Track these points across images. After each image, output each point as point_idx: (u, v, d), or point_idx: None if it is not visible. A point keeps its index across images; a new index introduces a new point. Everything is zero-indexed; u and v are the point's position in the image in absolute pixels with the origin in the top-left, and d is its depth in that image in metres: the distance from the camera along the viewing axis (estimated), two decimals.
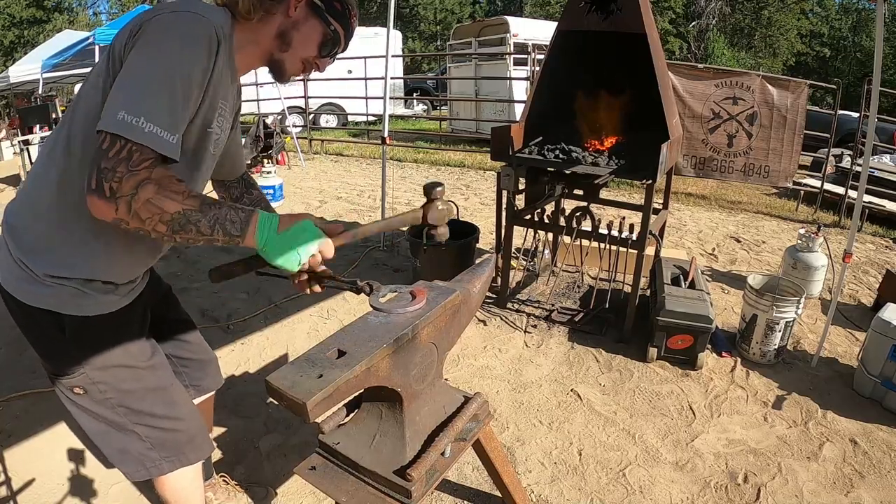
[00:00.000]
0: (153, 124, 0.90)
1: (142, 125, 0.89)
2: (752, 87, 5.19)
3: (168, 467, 1.30)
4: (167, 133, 0.92)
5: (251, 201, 1.49)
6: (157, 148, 0.91)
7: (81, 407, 1.21)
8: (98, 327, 1.16)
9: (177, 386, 1.34)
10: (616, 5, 2.82)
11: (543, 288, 3.52)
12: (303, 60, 1.18)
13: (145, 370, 1.25)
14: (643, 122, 2.91)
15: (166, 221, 0.92)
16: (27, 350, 2.82)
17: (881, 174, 5.67)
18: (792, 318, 2.61)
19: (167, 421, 1.27)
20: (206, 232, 0.95)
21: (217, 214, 0.96)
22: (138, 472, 1.29)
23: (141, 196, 0.89)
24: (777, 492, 1.89)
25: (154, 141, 0.90)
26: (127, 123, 0.88)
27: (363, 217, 5.34)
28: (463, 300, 1.29)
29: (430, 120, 13.12)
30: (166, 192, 0.91)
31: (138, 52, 0.95)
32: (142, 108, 0.90)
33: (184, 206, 0.92)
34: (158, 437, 1.27)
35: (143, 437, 1.25)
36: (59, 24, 21.58)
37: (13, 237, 1.11)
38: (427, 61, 25.97)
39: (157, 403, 1.26)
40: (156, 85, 0.92)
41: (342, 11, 1.19)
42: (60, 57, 7.21)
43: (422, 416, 1.24)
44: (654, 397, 2.42)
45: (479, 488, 1.90)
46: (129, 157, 0.88)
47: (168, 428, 1.28)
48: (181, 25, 0.97)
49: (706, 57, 19.03)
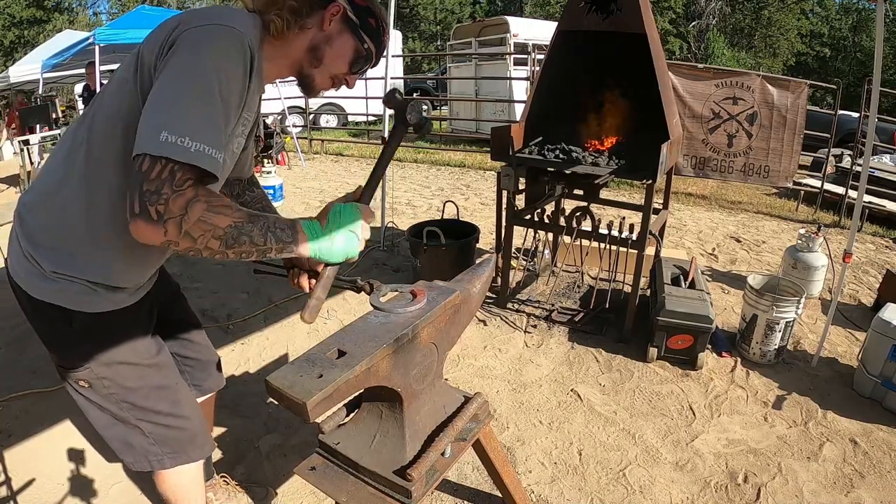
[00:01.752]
0: (200, 143, 0.87)
1: (187, 145, 0.86)
2: (752, 87, 5.19)
3: (170, 463, 1.31)
4: (213, 150, 0.89)
5: (252, 199, 1.49)
6: (206, 166, 0.88)
7: (87, 399, 1.22)
8: (105, 324, 1.16)
9: (181, 385, 1.35)
10: (616, 5, 2.82)
11: (543, 288, 3.52)
12: (332, 77, 1.16)
13: (150, 368, 1.25)
14: (643, 122, 2.91)
15: (219, 237, 0.89)
16: (27, 350, 2.83)
17: (881, 174, 5.67)
18: (792, 318, 2.61)
19: (170, 418, 1.28)
20: (259, 242, 0.93)
21: (266, 223, 0.94)
22: (140, 464, 1.30)
23: (191, 216, 0.86)
24: (777, 492, 1.89)
25: (202, 159, 0.87)
26: (172, 144, 0.85)
27: None
28: (463, 300, 1.29)
29: (429, 120, 13.10)
30: (215, 208, 0.89)
31: (174, 68, 0.91)
32: (186, 128, 0.86)
33: (234, 220, 0.91)
34: (161, 433, 1.28)
35: (147, 433, 1.26)
36: (59, 24, 21.58)
37: (24, 230, 1.11)
38: (427, 61, 25.97)
39: (160, 401, 1.26)
40: (197, 103, 0.89)
41: (376, 28, 1.16)
42: (60, 57, 7.21)
43: (422, 416, 1.24)
44: (655, 397, 2.42)
45: (479, 488, 1.90)
46: (171, 178, 0.85)
47: (171, 425, 1.28)
48: (217, 39, 0.94)
49: (706, 57, 19.03)
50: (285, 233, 0.96)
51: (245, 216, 0.93)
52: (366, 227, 1.07)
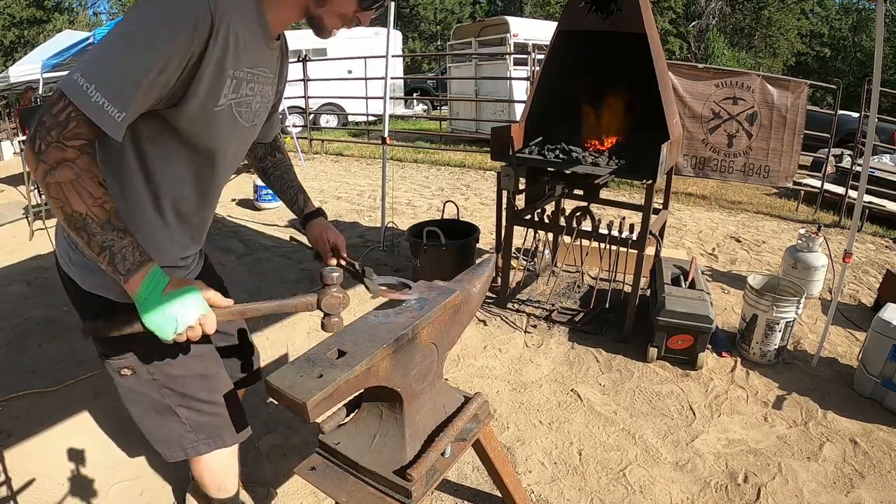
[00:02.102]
0: (103, 97, 0.86)
1: (90, 93, 0.86)
2: (752, 87, 5.18)
3: (205, 448, 1.33)
4: (112, 107, 0.87)
5: (273, 164, 1.49)
6: (97, 121, 0.87)
7: (127, 388, 1.24)
8: None
9: (221, 373, 1.37)
10: (616, 5, 2.82)
11: (543, 288, 3.52)
12: (341, 16, 1.09)
13: (192, 357, 1.26)
14: (643, 122, 2.91)
15: (67, 214, 0.89)
16: (27, 350, 2.83)
17: (881, 174, 5.67)
18: (792, 318, 2.61)
19: (208, 406, 1.30)
20: (94, 249, 0.91)
21: (113, 241, 0.91)
22: (175, 453, 1.32)
23: (58, 175, 0.86)
24: (777, 492, 1.89)
25: (96, 113, 0.86)
26: (78, 86, 0.85)
27: (363, 217, 5.34)
28: (463, 300, 1.29)
29: (430, 120, 13.11)
30: (80, 186, 0.88)
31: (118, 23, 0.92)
32: (96, 76, 0.86)
33: (89, 211, 0.89)
34: (198, 420, 1.30)
35: (184, 420, 1.28)
36: (59, 24, 21.59)
37: None
38: (427, 61, 25.97)
39: (201, 389, 1.29)
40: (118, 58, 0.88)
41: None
42: (60, 57, 7.22)
43: (422, 416, 1.24)
44: (655, 397, 2.42)
45: (479, 488, 1.90)
46: (65, 125, 0.86)
47: (208, 412, 1.31)
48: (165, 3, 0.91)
49: (706, 57, 19.03)
50: (123, 264, 0.92)
51: (103, 219, 0.90)
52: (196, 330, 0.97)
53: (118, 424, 2.25)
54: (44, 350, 2.85)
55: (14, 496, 1.87)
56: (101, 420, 2.27)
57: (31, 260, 4.30)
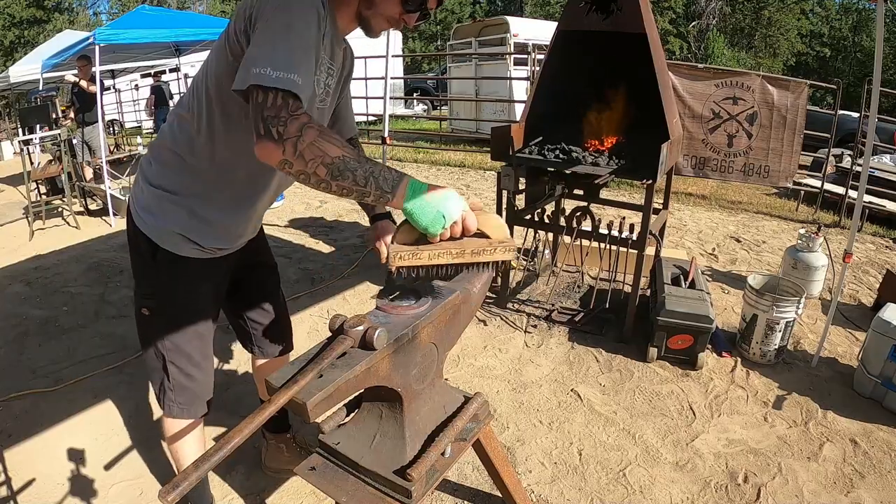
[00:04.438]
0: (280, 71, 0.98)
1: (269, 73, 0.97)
2: (752, 87, 5.18)
3: (177, 412, 1.49)
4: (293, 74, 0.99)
5: None
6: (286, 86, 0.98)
7: (143, 327, 1.44)
8: (182, 266, 1.36)
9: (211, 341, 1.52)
10: (616, 5, 2.82)
11: (543, 288, 3.52)
12: (388, 18, 1.20)
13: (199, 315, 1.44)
14: (643, 122, 2.91)
15: (327, 164, 0.98)
16: (27, 350, 2.84)
17: (881, 174, 5.67)
18: (792, 318, 2.61)
19: (196, 370, 1.46)
20: (360, 182, 0.99)
21: (373, 169, 1.01)
22: (160, 401, 1.50)
23: (305, 138, 0.96)
24: (777, 492, 1.89)
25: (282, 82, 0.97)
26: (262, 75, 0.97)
27: (363, 217, 5.34)
28: (463, 300, 1.29)
29: (430, 120, 13.12)
30: (328, 137, 0.99)
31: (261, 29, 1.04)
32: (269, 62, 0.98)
33: (343, 153, 0.98)
34: (180, 382, 1.45)
35: (171, 378, 1.45)
36: (59, 24, 21.60)
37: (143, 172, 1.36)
38: (427, 61, 25.98)
39: (196, 349, 1.45)
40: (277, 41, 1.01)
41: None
42: (60, 57, 7.19)
43: (422, 416, 1.24)
44: (654, 397, 2.42)
45: (479, 488, 1.90)
46: (286, 104, 0.97)
47: (193, 376, 1.46)
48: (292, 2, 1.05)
49: (706, 57, 19.05)
50: (387, 183, 1.01)
51: (355, 154, 1.00)
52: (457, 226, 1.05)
53: (118, 424, 2.25)
54: (44, 350, 2.85)
55: (14, 496, 1.87)
56: (101, 420, 2.27)
57: (31, 260, 4.31)
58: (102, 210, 5.60)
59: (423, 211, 1.01)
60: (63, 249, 4.55)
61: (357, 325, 1.01)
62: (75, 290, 3.62)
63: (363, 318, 1.03)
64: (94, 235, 4.94)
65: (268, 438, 1.97)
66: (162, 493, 0.75)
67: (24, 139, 6.07)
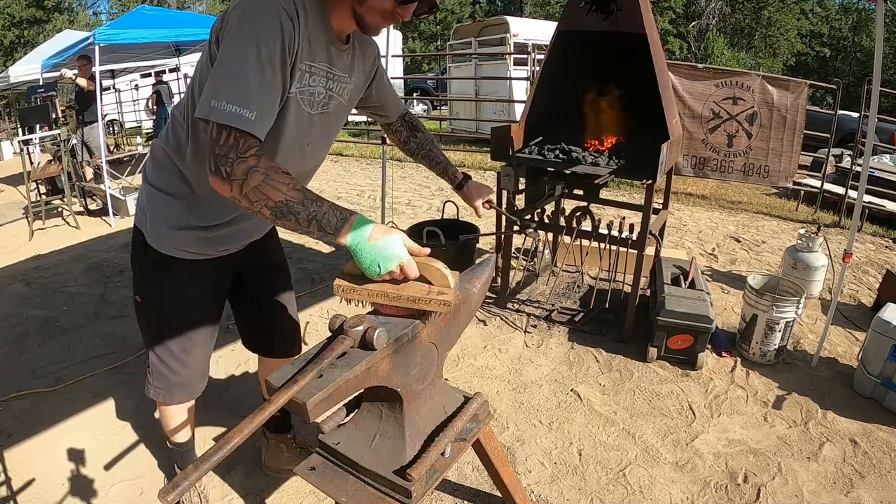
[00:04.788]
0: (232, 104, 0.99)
1: (224, 108, 0.99)
2: (752, 87, 5.18)
3: (154, 395, 1.55)
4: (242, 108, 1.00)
5: (417, 144, 1.68)
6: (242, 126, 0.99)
7: (138, 314, 1.52)
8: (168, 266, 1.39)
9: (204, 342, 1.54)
10: (616, 5, 2.82)
11: (543, 288, 3.52)
12: (381, 13, 1.16)
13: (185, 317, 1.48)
14: (643, 122, 2.91)
15: (270, 207, 1.01)
16: (27, 350, 2.84)
17: (881, 174, 5.67)
18: (792, 318, 2.61)
19: (175, 362, 1.51)
20: (303, 224, 1.02)
21: (316, 211, 1.02)
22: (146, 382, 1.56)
23: (250, 182, 0.99)
24: (777, 492, 1.89)
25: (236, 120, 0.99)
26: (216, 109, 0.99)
27: None
28: (463, 300, 1.29)
29: (430, 120, 13.11)
30: (272, 182, 1.00)
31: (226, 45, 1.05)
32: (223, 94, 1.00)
33: (287, 197, 1.00)
34: (158, 369, 1.51)
35: (150, 363, 1.52)
36: (59, 24, 21.59)
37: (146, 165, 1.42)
38: (427, 61, 25.98)
39: (177, 344, 1.49)
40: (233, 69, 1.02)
41: None
42: (60, 57, 7.19)
43: (422, 416, 1.24)
44: (654, 397, 2.42)
45: (479, 488, 1.90)
46: (236, 145, 1.00)
47: (171, 366, 1.51)
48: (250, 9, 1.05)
49: (706, 57, 19.05)
50: (330, 225, 1.02)
51: (300, 198, 1.01)
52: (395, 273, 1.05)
53: (118, 424, 2.25)
54: (44, 350, 2.85)
55: (14, 496, 1.87)
56: (101, 420, 2.27)
57: (31, 260, 4.31)
58: (102, 210, 5.59)
59: (362, 255, 1.03)
60: (63, 249, 4.55)
61: (357, 325, 1.01)
62: (75, 290, 3.62)
63: (363, 318, 1.03)
64: (94, 235, 4.94)
65: (268, 438, 1.96)
66: (162, 493, 0.75)
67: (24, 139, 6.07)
